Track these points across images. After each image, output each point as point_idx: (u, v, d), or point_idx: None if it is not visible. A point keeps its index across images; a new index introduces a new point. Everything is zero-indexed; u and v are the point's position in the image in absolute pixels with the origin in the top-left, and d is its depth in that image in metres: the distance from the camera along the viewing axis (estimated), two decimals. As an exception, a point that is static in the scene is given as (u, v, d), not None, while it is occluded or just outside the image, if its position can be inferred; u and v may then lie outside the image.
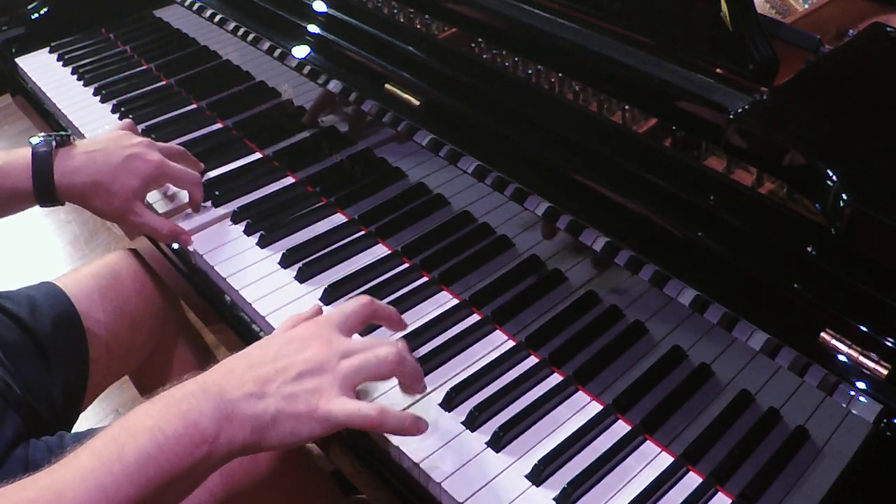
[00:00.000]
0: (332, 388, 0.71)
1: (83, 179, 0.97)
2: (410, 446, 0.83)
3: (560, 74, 1.00)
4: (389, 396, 0.86)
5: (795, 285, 0.72)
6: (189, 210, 1.13)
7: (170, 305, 1.29)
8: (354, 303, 0.80)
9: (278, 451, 0.99)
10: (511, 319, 0.95)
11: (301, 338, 0.74)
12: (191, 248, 1.10)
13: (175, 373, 1.34)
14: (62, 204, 1.02)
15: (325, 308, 0.97)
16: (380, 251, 1.07)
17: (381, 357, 0.74)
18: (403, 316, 0.97)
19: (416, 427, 0.75)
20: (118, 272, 1.23)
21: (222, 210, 1.15)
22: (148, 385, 1.40)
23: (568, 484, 0.79)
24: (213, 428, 0.65)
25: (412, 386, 0.80)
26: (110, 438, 0.63)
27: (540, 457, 0.81)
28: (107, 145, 1.01)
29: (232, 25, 1.28)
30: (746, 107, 0.80)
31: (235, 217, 1.13)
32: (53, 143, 0.98)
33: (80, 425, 1.10)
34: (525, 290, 0.95)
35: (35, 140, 0.99)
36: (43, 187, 0.96)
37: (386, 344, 0.76)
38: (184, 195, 1.15)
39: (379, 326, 0.92)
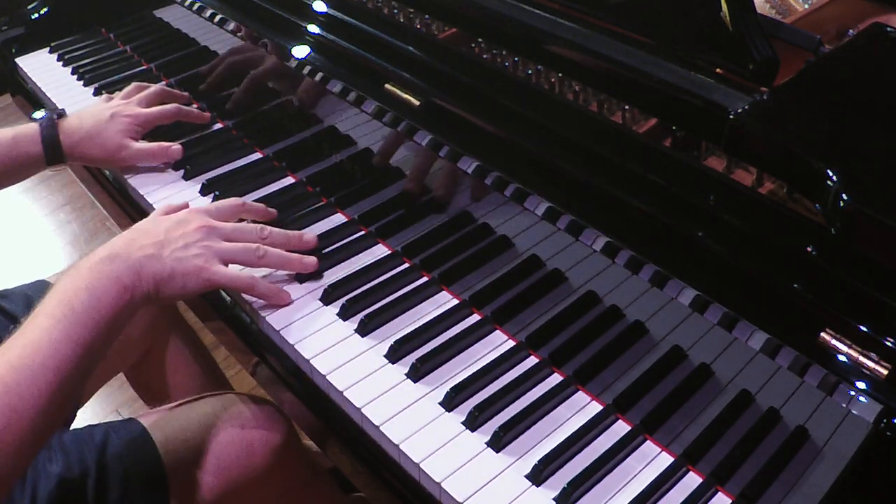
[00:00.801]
0: (213, 258, 0.92)
1: (81, 135, 1.18)
2: (411, 446, 0.83)
3: (560, 74, 1.00)
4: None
5: (795, 285, 0.72)
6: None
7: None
8: (227, 200, 1.02)
9: (274, 444, 1.05)
10: (511, 319, 0.95)
11: (184, 220, 0.94)
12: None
13: (171, 370, 1.35)
14: (65, 163, 1.20)
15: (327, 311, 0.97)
16: (380, 251, 1.07)
17: (250, 249, 0.95)
18: (403, 316, 0.97)
19: (281, 297, 0.97)
20: None
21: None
22: (145, 384, 1.40)
23: (568, 484, 0.79)
24: (129, 281, 0.85)
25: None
26: (57, 301, 0.80)
27: (540, 457, 0.81)
28: (93, 111, 1.22)
29: (232, 25, 1.28)
30: (746, 107, 0.80)
31: (235, 217, 1.13)
32: (55, 116, 1.19)
33: (78, 422, 1.10)
34: (525, 290, 0.95)
35: (38, 114, 1.20)
36: (51, 149, 1.16)
37: (254, 235, 0.97)
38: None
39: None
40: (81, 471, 0.93)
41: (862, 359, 0.68)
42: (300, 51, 1.15)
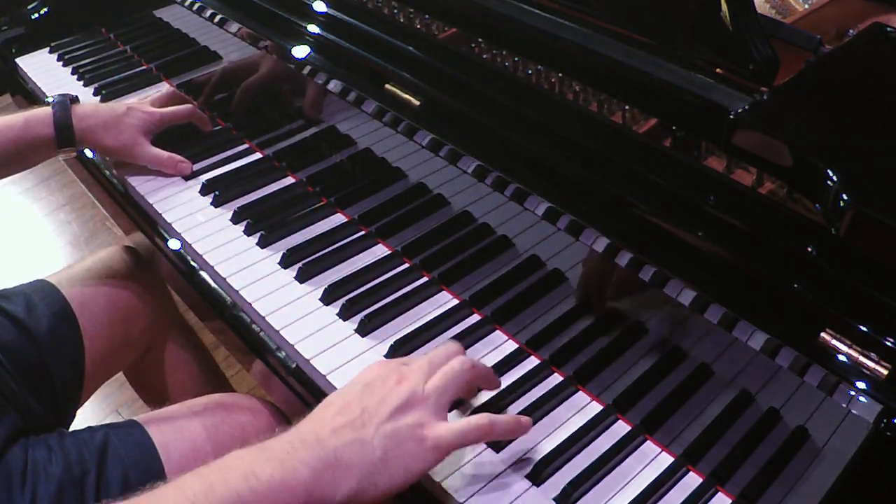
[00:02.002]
0: (431, 416, 0.70)
1: (96, 121, 1.17)
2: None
3: (560, 74, 1.00)
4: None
5: (795, 285, 0.72)
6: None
7: (163, 298, 1.30)
8: (446, 348, 0.80)
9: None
10: (511, 319, 0.95)
11: (378, 377, 0.73)
12: (191, 247, 1.10)
13: (170, 370, 1.35)
14: (77, 148, 1.18)
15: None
16: (380, 251, 1.07)
17: (457, 368, 0.74)
18: (403, 316, 0.97)
19: (522, 427, 0.76)
20: (111, 266, 1.24)
21: (222, 210, 1.15)
22: (145, 384, 1.40)
23: (568, 484, 0.79)
24: (313, 477, 0.63)
25: (490, 383, 0.81)
26: (199, 476, 0.62)
27: (540, 457, 0.81)
28: (109, 103, 1.25)
29: (233, 27, 1.28)
30: (746, 107, 0.80)
31: (235, 217, 1.13)
32: (68, 100, 1.17)
33: (78, 422, 1.11)
34: (525, 290, 0.95)
35: (51, 98, 1.17)
36: (63, 131, 1.14)
37: (451, 354, 0.77)
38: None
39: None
40: (81, 472, 0.93)
41: (862, 359, 0.68)
42: (300, 51, 1.15)
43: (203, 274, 1.09)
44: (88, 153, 1.29)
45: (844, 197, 0.70)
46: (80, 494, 0.92)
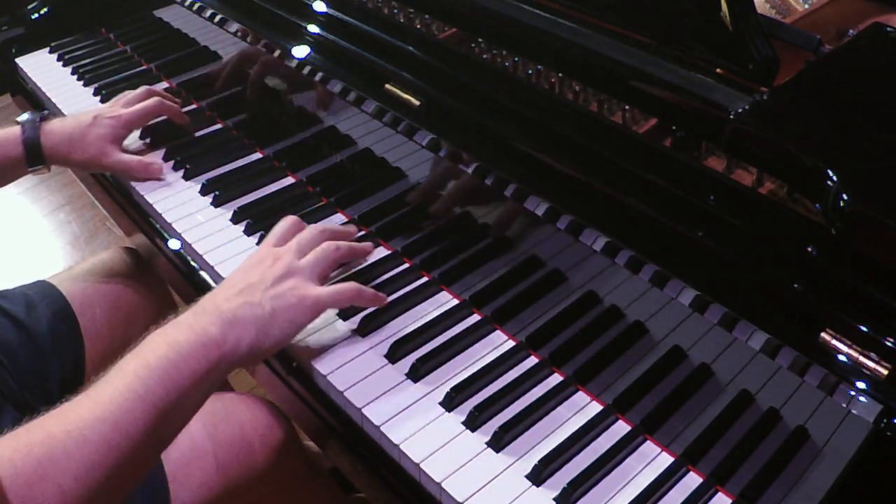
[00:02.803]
0: (307, 282, 0.86)
1: (61, 138, 1.15)
2: (411, 446, 0.83)
3: (560, 74, 1.00)
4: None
5: (795, 285, 0.72)
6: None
7: (164, 299, 1.30)
8: (309, 231, 0.95)
9: (274, 443, 1.03)
10: (511, 319, 0.95)
11: (256, 260, 0.88)
12: (191, 247, 1.10)
13: None
14: (48, 167, 1.17)
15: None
16: (380, 251, 1.07)
17: (329, 246, 0.91)
18: (403, 316, 0.97)
19: (381, 300, 0.94)
20: (112, 268, 1.24)
21: (222, 210, 1.15)
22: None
23: (568, 484, 0.79)
24: (220, 333, 0.76)
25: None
26: (132, 358, 0.72)
27: (540, 457, 0.81)
28: (78, 114, 1.21)
29: (233, 26, 1.28)
30: (746, 107, 0.80)
31: (235, 217, 1.13)
32: (38, 119, 1.16)
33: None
34: (525, 290, 0.95)
35: (22, 117, 1.17)
36: (32, 150, 1.14)
37: (316, 237, 0.92)
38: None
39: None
40: None
41: (862, 359, 0.68)
42: (300, 51, 1.15)
43: (203, 274, 1.09)
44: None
45: (844, 197, 0.70)
46: None
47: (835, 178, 0.72)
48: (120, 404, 0.67)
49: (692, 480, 0.80)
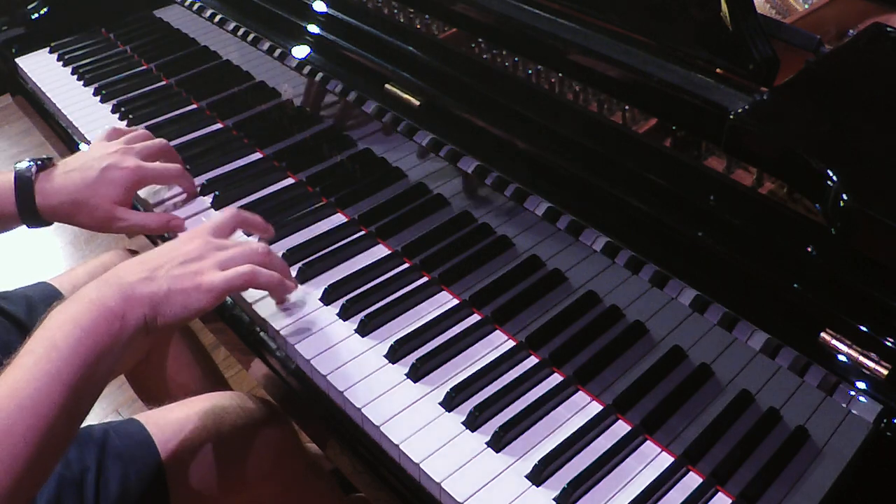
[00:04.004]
0: (211, 269, 0.85)
1: (62, 199, 1.01)
2: (411, 446, 0.83)
3: (560, 74, 1.00)
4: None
5: (795, 285, 0.72)
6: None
7: None
8: (224, 212, 0.95)
9: (273, 442, 1.03)
10: (511, 319, 0.95)
11: (180, 240, 0.88)
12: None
13: (172, 372, 1.35)
14: (49, 224, 1.05)
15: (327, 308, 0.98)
16: (380, 251, 1.07)
17: (251, 248, 0.89)
18: (403, 316, 0.97)
19: (285, 287, 0.91)
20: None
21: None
22: (145, 385, 1.40)
23: (568, 484, 0.79)
24: (118, 306, 0.77)
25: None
26: (40, 339, 0.74)
27: (540, 457, 0.81)
28: (84, 161, 1.04)
29: (232, 25, 1.28)
30: (746, 107, 0.80)
31: (235, 217, 1.13)
32: (34, 168, 1.01)
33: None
34: (525, 290, 0.95)
35: (19, 165, 1.02)
36: (27, 211, 1.01)
37: (254, 242, 0.92)
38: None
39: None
40: (80, 469, 0.93)
41: (862, 359, 0.68)
42: (300, 51, 1.15)
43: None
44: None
45: (844, 197, 0.70)
46: (79, 492, 0.92)
47: (835, 177, 0.72)
48: (36, 388, 0.69)
49: (692, 480, 0.80)
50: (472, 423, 0.85)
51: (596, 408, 0.87)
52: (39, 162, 1.02)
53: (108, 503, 0.93)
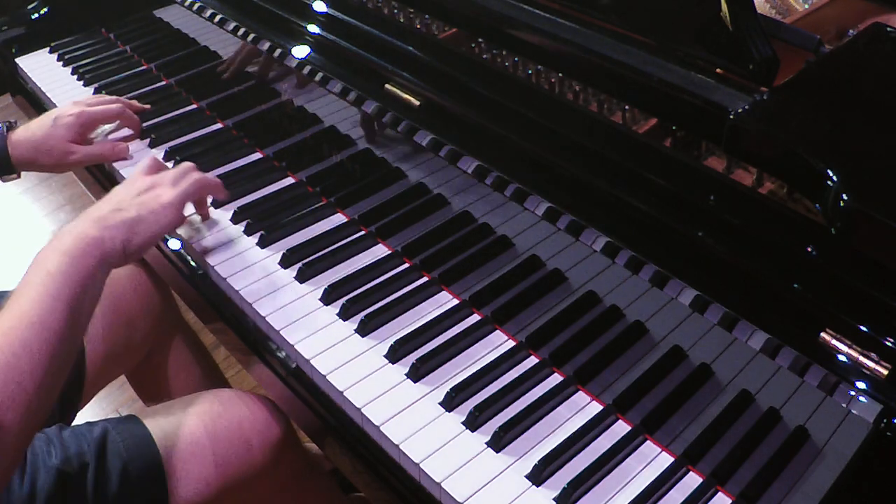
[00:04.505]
0: (166, 189, 1.00)
1: (28, 146, 1.21)
2: (411, 446, 0.83)
3: (560, 74, 1.00)
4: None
5: (795, 285, 0.72)
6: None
7: (166, 304, 1.30)
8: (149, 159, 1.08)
9: (272, 440, 1.05)
10: (511, 319, 0.95)
11: (130, 179, 1.03)
12: (192, 247, 1.10)
13: (172, 372, 1.35)
14: (18, 174, 1.25)
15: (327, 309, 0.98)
16: (380, 251, 1.07)
17: (185, 165, 1.06)
18: (403, 316, 0.97)
19: (223, 190, 1.10)
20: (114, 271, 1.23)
21: (222, 210, 1.15)
22: (146, 385, 1.40)
23: (568, 484, 0.79)
24: (98, 234, 0.90)
25: (220, 186, 1.09)
26: (33, 273, 0.84)
27: (540, 457, 0.81)
28: (41, 118, 1.25)
29: (232, 25, 1.28)
30: (746, 107, 0.80)
31: (235, 217, 1.13)
32: (4, 128, 1.22)
33: (79, 422, 1.10)
34: (525, 290, 0.95)
35: None
36: (1, 162, 1.20)
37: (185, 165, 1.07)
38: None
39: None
40: (80, 464, 0.93)
41: (862, 359, 0.68)
42: (300, 51, 1.15)
43: (203, 274, 1.09)
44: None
45: (844, 197, 0.70)
46: (79, 487, 0.92)
47: (835, 177, 0.72)
48: (42, 308, 0.79)
49: (692, 480, 0.80)
50: (472, 423, 0.85)
51: (596, 408, 0.87)
52: (7, 124, 1.23)
53: (108, 498, 0.93)
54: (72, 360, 0.83)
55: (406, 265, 1.04)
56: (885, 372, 0.66)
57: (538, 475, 0.80)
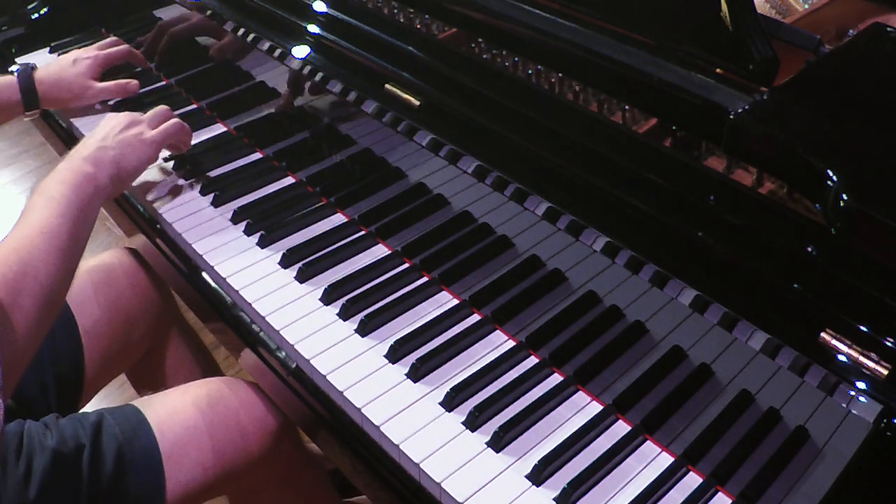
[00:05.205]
0: (146, 128, 1.13)
1: (52, 82, 1.34)
2: (411, 446, 0.83)
3: (560, 74, 1.00)
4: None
5: (795, 285, 0.72)
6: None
7: (165, 302, 1.30)
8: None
9: (269, 429, 1.06)
10: (511, 319, 0.95)
11: (109, 118, 1.14)
12: (192, 247, 1.10)
13: (172, 371, 1.35)
14: (40, 108, 1.35)
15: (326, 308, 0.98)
16: (380, 251, 1.07)
17: (161, 107, 1.19)
18: (403, 316, 0.97)
19: (188, 131, 1.21)
20: (112, 269, 1.24)
21: (222, 210, 1.15)
22: (145, 384, 1.40)
23: (568, 484, 0.79)
24: (91, 169, 1.02)
25: (190, 133, 1.21)
26: (36, 201, 0.95)
27: (540, 457, 0.81)
28: (59, 59, 1.40)
29: (232, 25, 1.28)
30: (746, 107, 0.80)
31: (235, 217, 1.13)
32: (30, 67, 1.34)
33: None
34: (525, 290, 0.95)
35: (15, 67, 1.34)
36: (28, 97, 1.32)
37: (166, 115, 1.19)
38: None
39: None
40: (76, 446, 0.93)
41: (862, 359, 0.68)
42: (300, 51, 1.15)
43: (203, 274, 1.09)
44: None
45: (844, 197, 0.70)
46: (74, 468, 0.92)
47: (835, 177, 0.72)
48: (51, 221, 0.92)
49: (692, 480, 0.80)
50: (472, 423, 0.85)
51: (596, 408, 0.87)
52: (32, 65, 1.34)
53: (104, 480, 0.93)
54: (72, 273, 0.94)
55: (406, 265, 1.04)
56: (885, 372, 0.66)
57: (538, 475, 0.80)
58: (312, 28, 1.16)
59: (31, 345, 0.84)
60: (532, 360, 0.92)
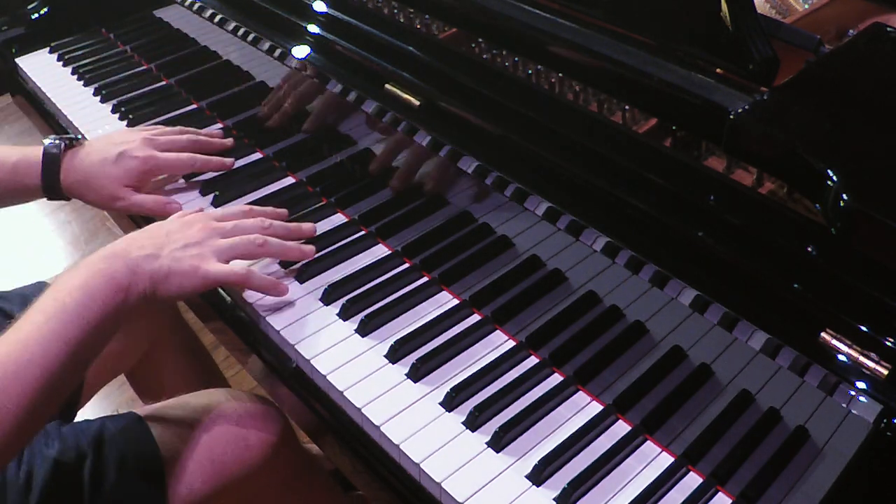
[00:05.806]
0: (210, 257, 0.91)
1: (78, 177, 1.09)
2: (411, 446, 0.83)
3: (560, 74, 1.00)
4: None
5: (795, 285, 0.72)
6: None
7: (165, 304, 1.30)
8: (236, 206, 1.03)
9: (269, 438, 1.05)
10: (511, 319, 0.95)
11: (188, 222, 0.95)
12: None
13: (172, 371, 1.35)
14: (68, 199, 1.12)
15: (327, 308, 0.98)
16: (380, 251, 1.07)
17: (248, 240, 0.95)
18: (403, 316, 0.97)
19: (278, 289, 0.97)
20: None
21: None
22: (145, 385, 1.40)
23: (568, 484, 0.79)
24: (125, 279, 0.85)
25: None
26: (51, 299, 0.81)
27: (540, 457, 0.81)
28: (105, 144, 1.12)
29: (232, 25, 1.28)
30: (746, 107, 0.80)
31: (235, 217, 1.13)
32: (62, 146, 1.10)
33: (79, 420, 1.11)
34: (525, 290, 0.95)
35: (47, 141, 1.10)
36: (50, 185, 1.10)
37: (256, 227, 0.97)
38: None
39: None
40: (77, 456, 0.93)
41: (862, 359, 0.68)
42: (300, 51, 1.15)
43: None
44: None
45: (844, 197, 0.70)
46: (76, 478, 0.92)
47: (835, 177, 0.72)
48: (46, 346, 0.77)
49: (692, 480, 0.80)
50: (473, 423, 0.85)
51: (596, 408, 0.87)
52: (67, 140, 1.11)
53: (105, 490, 0.93)
54: (65, 394, 0.82)
55: (406, 265, 1.04)
56: (885, 372, 0.66)
57: (538, 475, 0.80)
58: (312, 28, 1.16)
59: (14, 444, 0.76)
60: (532, 360, 0.92)
